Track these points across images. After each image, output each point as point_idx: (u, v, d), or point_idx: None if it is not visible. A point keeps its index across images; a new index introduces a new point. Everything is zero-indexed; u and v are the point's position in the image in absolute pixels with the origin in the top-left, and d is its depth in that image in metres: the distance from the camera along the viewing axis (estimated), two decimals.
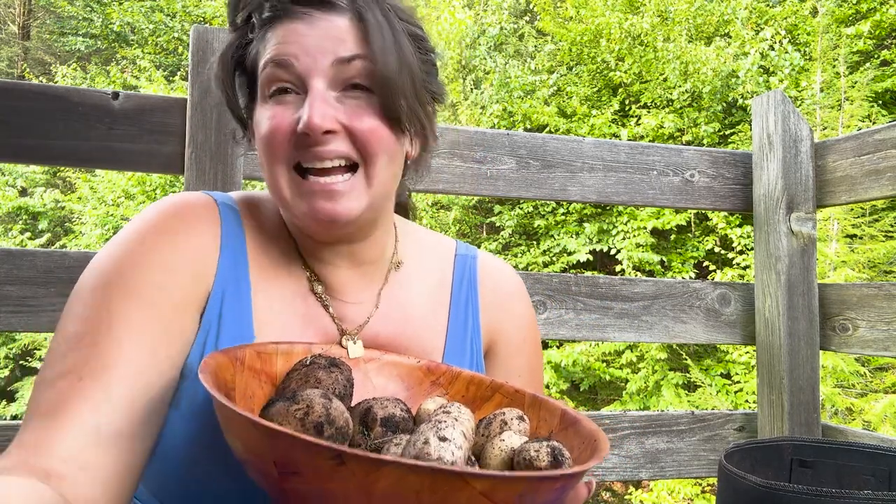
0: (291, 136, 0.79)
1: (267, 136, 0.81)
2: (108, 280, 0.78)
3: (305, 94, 0.80)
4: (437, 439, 0.59)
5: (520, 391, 0.83)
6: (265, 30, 0.83)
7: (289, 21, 0.81)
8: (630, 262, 6.76)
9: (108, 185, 8.33)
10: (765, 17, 8.11)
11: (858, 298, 1.63)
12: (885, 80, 6.93)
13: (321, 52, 0.79)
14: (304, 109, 0.77)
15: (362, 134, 0.80)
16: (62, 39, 13.37)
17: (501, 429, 0.73)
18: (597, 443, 0.68)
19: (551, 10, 9.05)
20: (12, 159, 1.35)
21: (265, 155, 0.82)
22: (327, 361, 0.78)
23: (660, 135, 7.35)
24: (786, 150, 1.73)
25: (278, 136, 0.80)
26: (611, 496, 6.42)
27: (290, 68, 0.79)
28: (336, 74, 0.80)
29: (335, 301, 0.92)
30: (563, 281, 1.66)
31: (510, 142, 1.65)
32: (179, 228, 0.84)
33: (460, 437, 0.60)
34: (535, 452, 0.64)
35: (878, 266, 5.68)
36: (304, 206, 0.81)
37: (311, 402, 0.64)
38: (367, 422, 0.72)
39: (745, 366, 5.90)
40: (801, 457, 1.14)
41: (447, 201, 7.93)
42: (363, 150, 0.81)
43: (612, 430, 1.65)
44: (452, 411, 0.66)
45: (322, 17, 0.80)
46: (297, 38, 0.80)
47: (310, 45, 0.79)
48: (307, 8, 0.81)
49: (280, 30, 0.81)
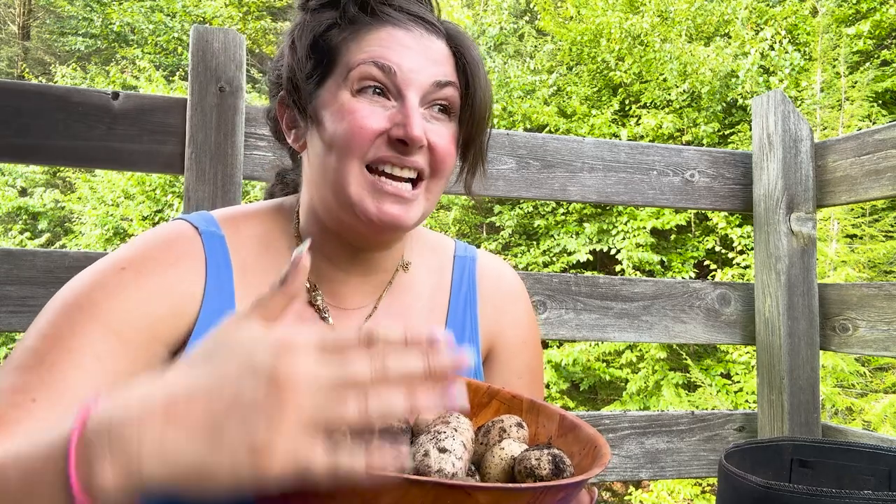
0: (380, 135, 0.80)
1: (352, 129, 0.80)
2: (78, 303, 0.76)
3: (397, 100, 0.82)
4: (436, 451, 0.59)
5: (517, 396, 0.83)
6: (359, 24, 0.83)
7: (391, 26, 0.83)
8: (630, 262, 6.76)
9: (107, 185, 8.33)
10: (765, 17, 8.11)
11: (858, 298, 1.63)
12: (885, 80, 6.92)
13: (423, 68, 0.82)
14: (406, 118, 0.80)
15: (441, 153, 0.84)
16: (62, 39, 13.37)
17: (500, 436, 0.72)
18: (597, 449, 0.67)
19: (551, 10, 9.05)
20: (12, 159, 1.35)
21: (342, 146, 0.81)
22: None
23: (659, 135, 7.35)
24: (786, 150, 1.73)
25: (365, 133, 0.80)
26: (611, 496, 6.42)
27: (390, 74, 0.81)
28: (429, 94, 0.83)
29: (335, 309, 0.91)
30: (563, 281, 1.66)
31: (510, 142, 1.65)
32: (162, 262, 0.82)
33: (460, 448, 0.60)
34: (537, 461, 0.64)
35: (878, 266, 5.68)
36: (371, 206, 0.81)
37: None
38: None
39: (745, 366, 5.90)
40: (801, 457, 1.14)
41: (447, 201, 7.93)
42: (434, 168, 0.84)
43: (612, 430, 1.65)
44: (451, 421, 0.65)
45: (422, 34, 0.84)
46: (401, 47, 0.82)
47: (414, 59, 0.82)
48: (409, 18, 0.84)
49: (382, 32, 0.83)
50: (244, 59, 1.46)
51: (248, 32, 12.26)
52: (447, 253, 1.03)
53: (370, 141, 0.80)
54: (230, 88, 1.43)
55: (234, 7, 12.57)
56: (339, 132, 0.81)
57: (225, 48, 1.44)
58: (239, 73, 1.44)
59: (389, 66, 0.81)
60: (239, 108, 1.44)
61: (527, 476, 0.64)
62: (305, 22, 0.86)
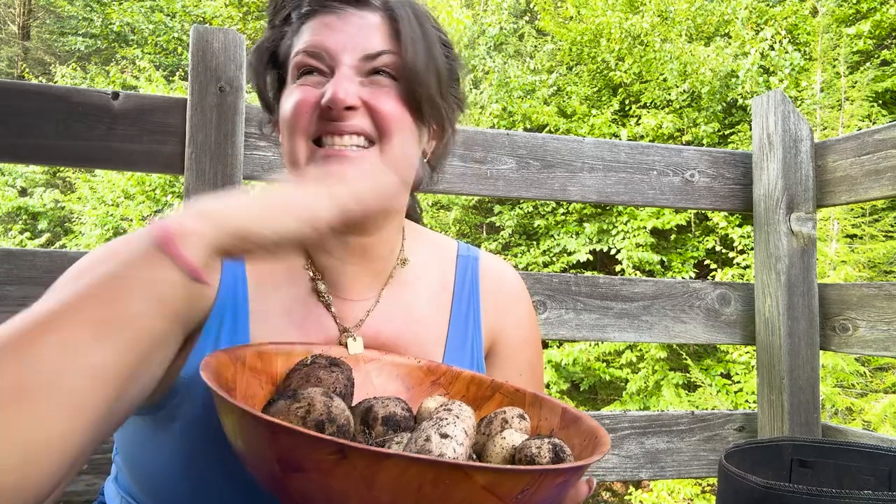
0: (314, 109, 0.83)
1: (291, 110, 0.84)
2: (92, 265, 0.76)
3: (332, 76, 0.84)
4: (438, 436, 0.59)
5: (520, 390, 0.83)
6: (300, 23, 0.88)
7: (323, 15, 0.86)
8: (630, 262, 6.76)
9: (107, 185, 8.32)
10: (765, 17, 8.10)
11: (858, 298, 1.63)
12: (885, 80, 6.92)
13: (351, 45, 0.84)
14: (329, 85, 0.81)
15: (382, 111, 0.83)
16: (62, 39, 13.37)
17: (503, 427, 0.73)
18: (598, 439, 0.68)
19: (551, 10, 9.05)
20: (12, 159, 1.35)
21: (287, 128, 0.85)
22: (328, 361, 0.78)
23: (659, 135, 7.34)
24: (786, 150, 1.73)
25: (300, 110, 0.83)
26: (611, 496, 6.42)
27: (319, 58, 0.84)
28: (362, 66, 0.84)
29: (337, 299, 0.91)
30: (563, 281, 1.66)
31: (510, 142, 1.65)
32: None
33: (462, 434, 0.61)
34: (537, 449, 0.64)
35: (878, 266, 5.68)
36: None
37: (312, 401, 0.64)
38: (368, 420, 0.72)
39: (745, 366, 5.90)
40: (801, 457, 1.14)
41: (447, 201, 7.93)
42: (381, 128, 0.84)
43: (612, 430, 1.65)
44: (454, 409, 0.66)
45: (355, 13, 0.85)
46: (330, 31, 0.84)
47: (340, 37, 0.84)
48: (342, 4, 0.86)
49: (314, 23, 0.86)
50: (244, 59, 1.46)
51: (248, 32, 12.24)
52: (450, 252, 1.04)
53: (307, 115, 0.83)
54: (230, 88, 1.43)
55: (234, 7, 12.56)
56: (284, 118, 0.86)
57: (225, 48, 1.44)
58: (239, 73, 1.44)
59: (317, 51, 0.84)
60: (239, 108, 1.44)
61: (527, 464, 0.64)
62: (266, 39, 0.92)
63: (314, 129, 0.84)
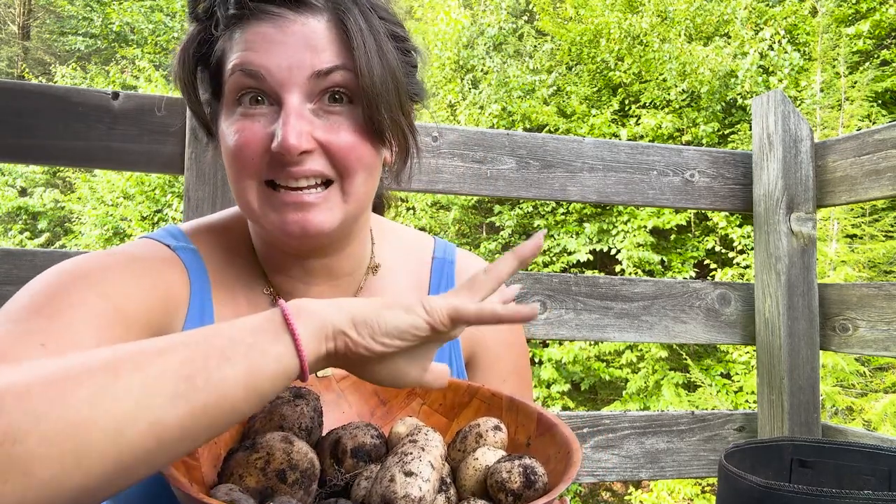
0: (264, 153, 0.74)
1: (235, 151, 0.75)
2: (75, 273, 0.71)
3: (278, 105, 0.74)
4: (402, 475, 0.59)
5: (497, 394, 0.82)
6: (232, 28, 0.75)
7: (258, 23, 0.73)
8: (630, 262, 6.76)
9: (107, 185, 8.33)
10: (764, 17, 8.10)
11: (858, 298, 1.63)
12: (885, 80, 6.92)
13: (297, 63, 0.72)
14: (279, 127, 0.72)
15: (340, 150, 0.75)
16: (62, 39, 13.37)
17: (477, 442, 0.72)
18: (570, 455, 0.66)
19: (550, 10, 9.05)
20: (12, 159, 1.35)
21: (233, 169, 0.77)
22: (291, 393, 0.74)
23: (659, 135, 7.35)
24: (786, 150, 1.73)
25: (247, 152, 0.74)
26: (611, 496, 6.42)
27: (261, 80, 0.73)
28: (313, 87, 0.74)
29: None
30: (563, 281, 1.66)
31: (510, 142, 1.65)
32: (153, 264, 0.80)
33: (427, 470, 0.60)
34: (507, 473, 0.64)
35: (878, 266, 5.68)
36: (274, 219, 0.77)
37: (271, 449, 0.63)
38: (337, 454, 0.71)
39: (745, 366, 5.90)
40: (801, 457, 1.14)
41: (447, 201, 7.93)
42: (340, 167, 0.76)
43: (612, 430, 1.65)
44: (419, 439, 0.64)
45: (296, 20, 0.73)
46: (269, 45, 0.73)
47: (283, 55, 0.72)
48: (279, 8, 0.73)
49: (249, 32, 0.74)
50: None
51: None
52: (425, 253, 1.00)
53: (256, 159, 0.75)
54: None
55: None
56: (229, 156, 0.77)
57: None
58: None
59: (256, 71, 0.73)
60: None
61: (498, 490, 0.64)
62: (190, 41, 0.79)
63: (265, 172, 0.75)
